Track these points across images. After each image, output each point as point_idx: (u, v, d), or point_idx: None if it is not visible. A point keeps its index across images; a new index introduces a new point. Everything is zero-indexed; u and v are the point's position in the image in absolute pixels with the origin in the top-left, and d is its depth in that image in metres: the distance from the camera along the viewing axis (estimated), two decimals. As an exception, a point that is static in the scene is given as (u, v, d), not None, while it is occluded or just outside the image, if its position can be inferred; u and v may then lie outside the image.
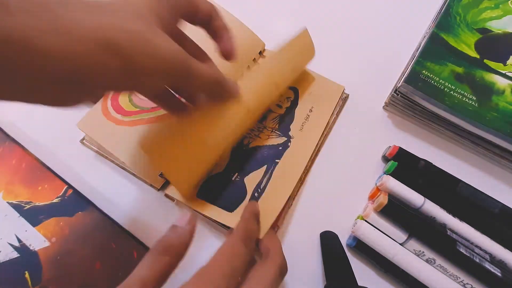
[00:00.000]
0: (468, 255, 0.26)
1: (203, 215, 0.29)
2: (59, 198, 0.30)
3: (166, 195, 0.30)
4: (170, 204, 0.30)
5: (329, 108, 0.34)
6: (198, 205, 0.29)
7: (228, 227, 0.28)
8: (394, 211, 0.28)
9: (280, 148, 0.32)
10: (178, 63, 0.19)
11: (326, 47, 0.39)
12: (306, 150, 0.32)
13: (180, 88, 0.25)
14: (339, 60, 0.38)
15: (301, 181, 0.31)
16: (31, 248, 0.28)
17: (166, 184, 0.30)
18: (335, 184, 0.32)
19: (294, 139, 0.32)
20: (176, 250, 0.20)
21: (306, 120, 0.33)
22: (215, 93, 0.25)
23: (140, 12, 0.18)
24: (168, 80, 0.20)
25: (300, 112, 0.34)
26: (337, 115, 0.35)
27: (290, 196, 0.30)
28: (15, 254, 0.28)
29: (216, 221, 0.28)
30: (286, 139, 0.32)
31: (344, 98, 0.36)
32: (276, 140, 0.32)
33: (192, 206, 0.29)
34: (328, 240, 0.29)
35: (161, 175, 0.29)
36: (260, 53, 0.36)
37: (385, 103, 0.35)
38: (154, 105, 0.31)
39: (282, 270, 0.22)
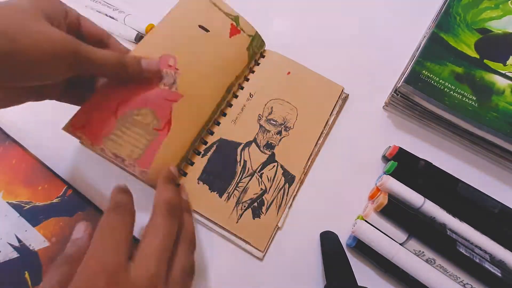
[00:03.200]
0: (468, 255, 0.26)
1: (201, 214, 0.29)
2: (59, 198, 0.30)
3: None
4: (170, 204, 0.31)
5: (328, 108, 0.34)
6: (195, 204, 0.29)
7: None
8: (394, 211, 0.28)
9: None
10: (66, 45, 0.21)
11: (326, 47, 0.39)
12: (305, 150, 0.32)
13: (81, 75, 0.25)
14: (339, 60, 0.38)
15: (301, 181, 0.31)
16: (31, 248, 0.28)
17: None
18: (335, 184, 0.32)
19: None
20: (73, 258, 0.21)
21: None
22: (116, 75, 0.26)
23: (24, 8, 0.20)
24: (63, 67, 0.22)
25: None
26: (337, 115, 0.35)
27: (291, 195, 0.30)
28: (15, 254, 0.28)
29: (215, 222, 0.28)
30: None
31: (344, 98, 0.36)
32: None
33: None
34: (328, 240, 0.29)
35: None
36: (261, 53, 0.36)
37: (385, 103, 0.35)
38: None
39: (170, 212, 0.23)
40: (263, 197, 0.30)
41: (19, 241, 0.28)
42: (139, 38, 0.34)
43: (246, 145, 0.32)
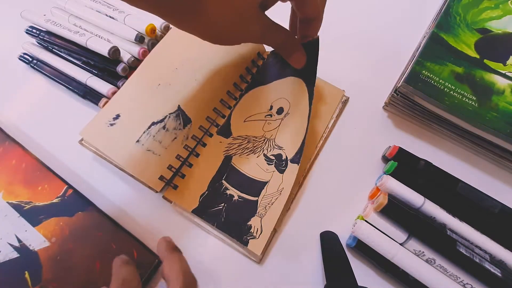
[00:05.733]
0: (468, 255, 0.26)
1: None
2: (59, 198, 0.30)
3: (164, 197, 0.30)
4: (168, 205, 0.30)
5: (329, 113, 0.34)
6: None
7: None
8: (394, 211, 0.28)
9: None
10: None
11: (326, 47, 0.39)
12: (305, 152, 0.32)
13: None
14: (339, 60, 0.38)
15: (300, 183, 0.31)
16: (31, 248, 0.28)
17: (164, 186, 0.30)
18: (335, 184, 0.32)
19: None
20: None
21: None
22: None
23: None
24: None
25: None
26: (337, 117, 0.35)
27: (289, 198, 0.30)
28: (15, 254, 0.28)
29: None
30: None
31: (344, 101, 0.35)
32: None
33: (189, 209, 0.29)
34: (328, 240, 0.29)
35: (160, 178, 0.29)
36: (259, 54, 0.36)
37: (385, 103, 0.35)
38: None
39: (187, 283, 0.23)
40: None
41: (19, 241, 0.28)
42: (139, 38, 0.34)
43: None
